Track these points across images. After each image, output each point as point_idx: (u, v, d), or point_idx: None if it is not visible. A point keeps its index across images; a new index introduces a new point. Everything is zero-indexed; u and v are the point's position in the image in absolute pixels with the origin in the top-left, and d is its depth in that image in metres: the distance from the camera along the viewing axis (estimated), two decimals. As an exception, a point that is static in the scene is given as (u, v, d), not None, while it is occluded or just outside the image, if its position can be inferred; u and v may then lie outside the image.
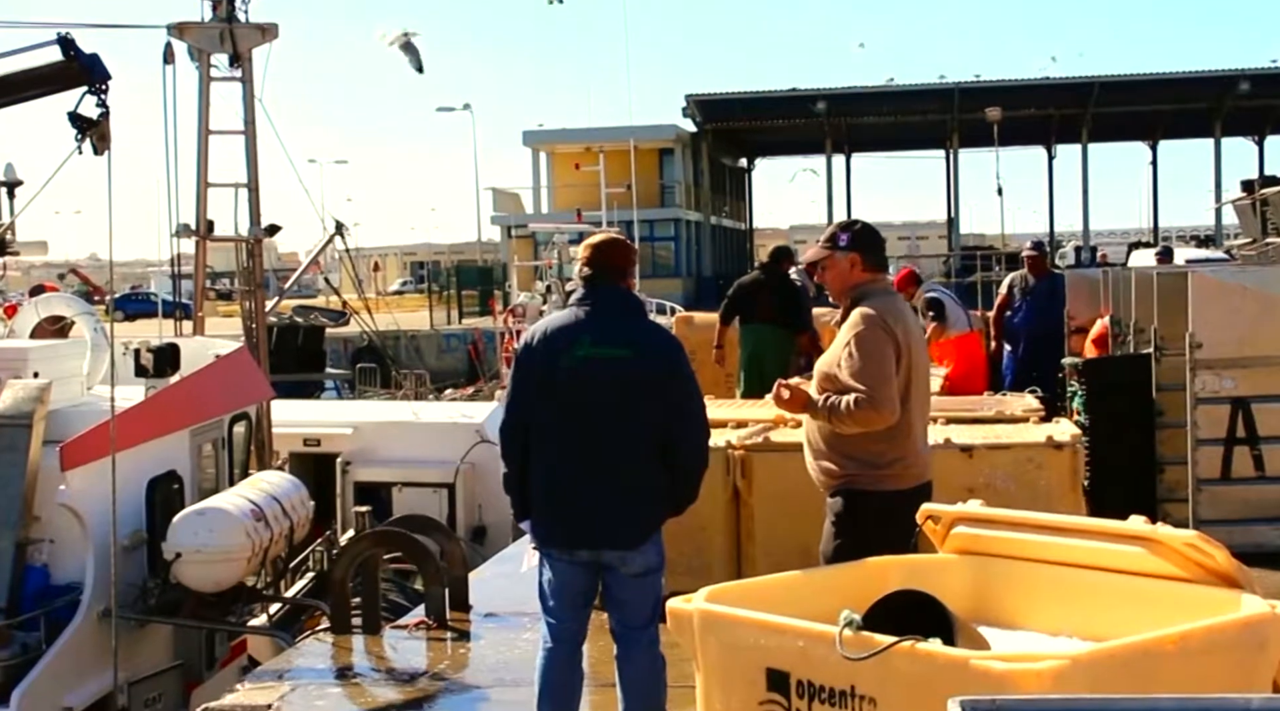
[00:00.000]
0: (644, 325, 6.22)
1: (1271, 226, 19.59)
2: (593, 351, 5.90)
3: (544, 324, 6.21)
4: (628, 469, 5.89)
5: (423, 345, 42.60)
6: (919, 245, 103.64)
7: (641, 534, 5.92)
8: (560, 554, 5.99)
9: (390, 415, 18.19)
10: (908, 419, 6.14)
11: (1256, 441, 9.80)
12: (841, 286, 6.29)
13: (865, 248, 6.28)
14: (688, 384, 6.05)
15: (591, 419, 5.88)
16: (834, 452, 6.08)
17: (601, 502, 5.87)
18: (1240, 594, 4.38)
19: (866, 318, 6.05)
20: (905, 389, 6.09)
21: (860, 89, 66.59)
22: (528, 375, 6.02)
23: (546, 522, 6.00)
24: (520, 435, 6.03)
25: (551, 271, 29.75)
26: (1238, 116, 66.02)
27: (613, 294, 6.06)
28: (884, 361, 5.96)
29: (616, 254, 6.14)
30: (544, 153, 66.77)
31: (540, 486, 6.00)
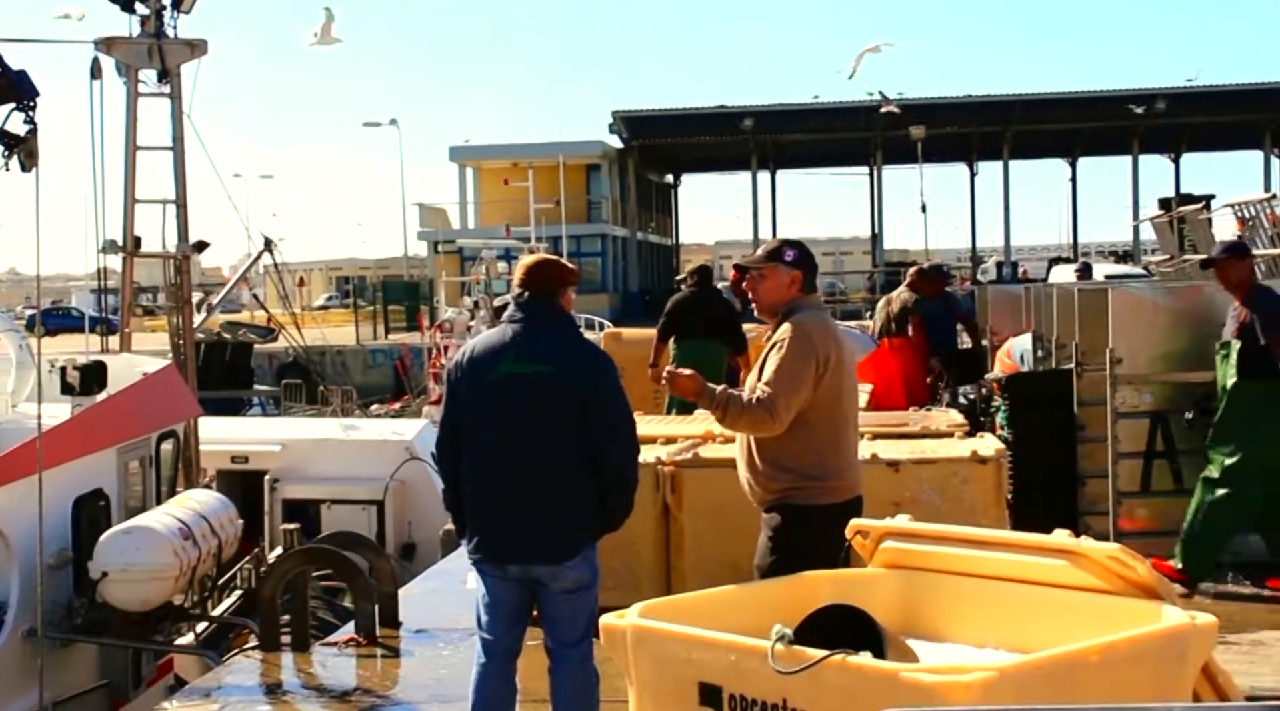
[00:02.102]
0: (570, 340, 6.21)
1: (1188, 243, 19.94)
2: (515, 368, 5.95)
3: (474, 342, 6.27)
4: (554, 484, 5.92)
5: (349, 360, 42.41)
6: (843, 261, 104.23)
7: (570, 549, 5.95)
8: (492, 569, 6.02)
9: (319, 432, 18.11)
10: (842, 432, 6.21)
11: (1175, 455, 9.99)
12: (774, 301, 6.29)
13: (807, 269, 6.33)
14: (614, 399, 6.08)
15: (516, 435, 5.92)
16: (771, 466, 6.11)
17: (529, 518, 5.91)
18: (1161, 605, 4.47)
19: (797, 330, 6.09)
20: (835, 403, 6.15)
21: (786, 106, 67.07)
22: (456, 392, 6.09)
23: (478, 538, 6.03)
24: (452, 452, 6.10)
25: (479, 287, 29.72)
26: (1154, 134, 67.13)
27: (540, 310, 6.10)
28: (800, 374, 6.00)
29: (546, 274, 6.18)
30: (471, 168, 66.68)
31: (471, 502, 6.05)
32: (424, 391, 29.97)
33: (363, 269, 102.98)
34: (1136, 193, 67.47)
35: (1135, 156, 68.16)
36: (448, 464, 6.14)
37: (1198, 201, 20.68)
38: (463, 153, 66.72)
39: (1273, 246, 16.28)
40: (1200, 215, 19.47)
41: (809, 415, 6.05)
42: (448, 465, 6.14)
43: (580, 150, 62.53)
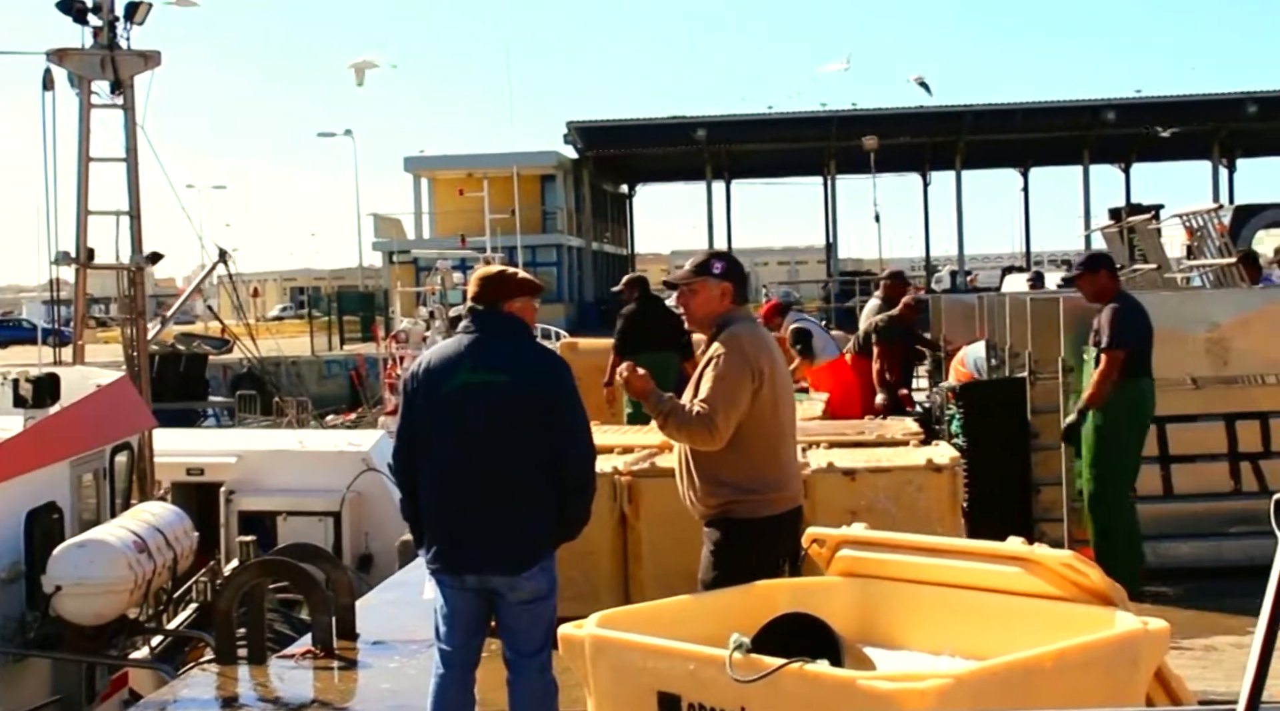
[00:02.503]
0: (526, 349, 6.21)
1: (1138, 253, 20.12)
2: (471, 378, 5.94)
3: (429, 353, 6.26)
4: (511, 494, 5.92)
5: (304, 371, 42.22)
6: (798, 270, 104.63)
7: (528, 559, 5.95)
8: (450, 579, 6.02)
9: (275, 443, 18.04)
10: (779, 444, 6.22)
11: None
12: (707, 314, 6.29)
13: (737, 280, 6.36)
14: (571, 406, 6.07)
15: (473, 445, 5.91)
16: (709, 481, 6.10)
17: (486, 528, 5.90)
18: (1114, 611, 4.52)
19: (733, 343, 6.10)
20: (772, 414, 6.16)
21: (740, 117, 67.19)
22: (412, 403, 6.08)
23: (435, 548, 6.02)
24: (409, 463, 6.10)
25: (434, 297, 29.69)
26: (1104, 145, 67.69)
27: (495, 320, 6.10)
28: (737, 389, 6.00)
29: (497, 284, 6.18)
30: (425, 178, 66.58)
31: (428, 513, 6.04)
32: (380, 402, 29.92)
33: (317, 279, 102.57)
34: (1087, 202, 68.03)
35: (1086, 166, 68.72)
36: (405, 475, 6.14)
37: (1147, 211, 20.88)
38: (418, 163, 66.62)
39: (1221, 256, 16.45)
40: (1149, 225, 19.65)
41: (745, 428, 6.05)
42: (405, 477, 6.14)
43: (535, 160, 62.55)
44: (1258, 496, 9.31)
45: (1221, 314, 10.22)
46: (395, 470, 6.27)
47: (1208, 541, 9.97)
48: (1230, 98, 62.95)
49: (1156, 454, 10.09)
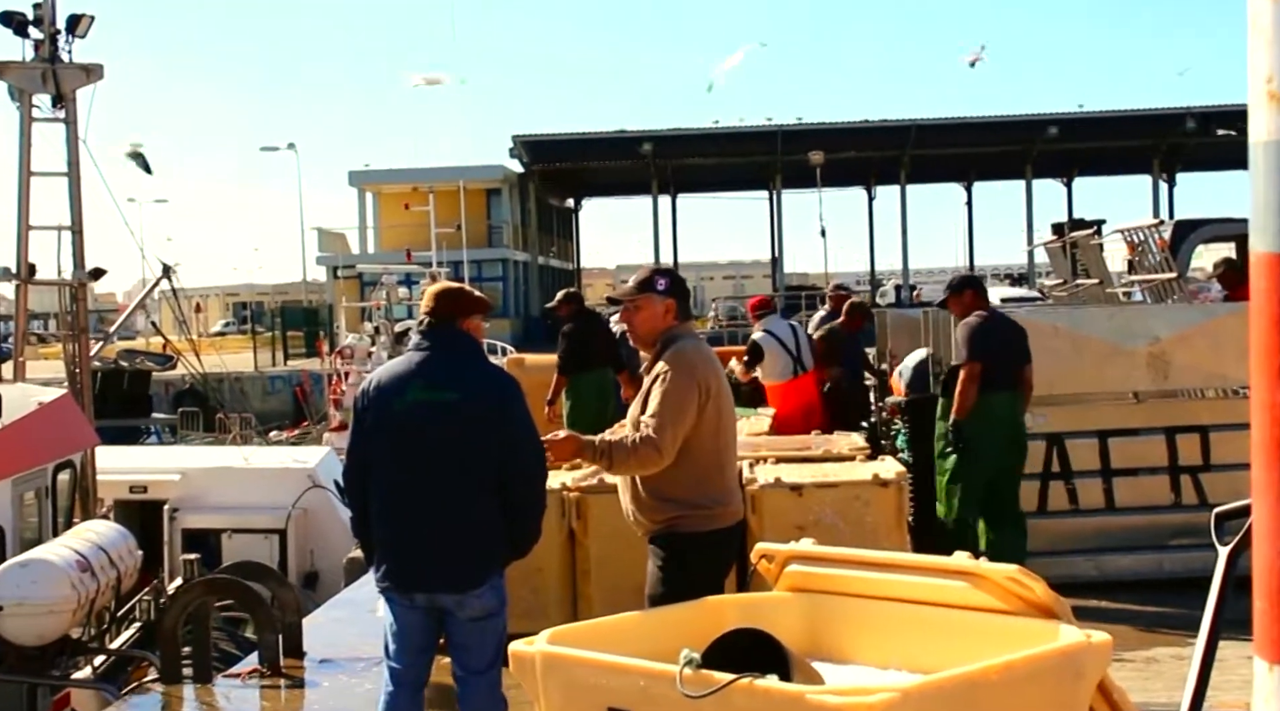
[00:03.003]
0: (477, 367, 6.21)
1: (1081, 267, 20.28)
2: (422, 395, 5.94)
3: (380, 371, 6.26)
4: (462, 511, 5.91)
5: (247, 387, 42.01)
6: (744, 285, 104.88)
7: (477, 577, 5.95)
8: (400, 597, 6.01)
9: (219, 460, 17.92)
10: (723, 459, 6.25)
11: (1070, 476, 10.18)
12: (651, 330, 6.29)
13: (680, 295, 6.37)
14: (522, 424, 6.07)
15: (424, 463, 5.91)
16: (655, 497, 6.11)
17: (435, 546, 5.89)
18: (1058, 624, 4.55)
19: (680, 360, 6.11)
20: (716, 430, 6.18)
21: (685, 131, 67.37)
22: (363, 421, 6.07)
23: (385, 567, 6.01)
24: (360, 480, 6.08)
25: (380, 312, 29.58)
26: (1047, 159, 68.31)
27: (447, 338, 6.10)
28: (683, 407, 6.01)
29: (450, 301, 6.19)
30: (370, 193, 66.37)
31: (378, 531, 6.03)
32: (325, 418, 29.76)
33: (260, 294, 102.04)
34: (1030, 216, 68.71)
35: (1029, 181, 69.34)
36: (357, 494, 6.11)
37: (1089, 226, 21.01)
38: (362, 177, 66.42)
39: (1161, 271, 16.60)
40: (1091, 240, 19.81)
41: (691, 444, 6.07)
42: (356, 495, 6.12)
43: (481, 174, 62.53)
44: (1198, 509, 9.41)
45: (1162, 328, 10.33)
46: (346, 489, 6.25)
47: (1148, 554, 10.06)
48: (1170, 113, 63.70)
49: (1098, 467, 10.19)
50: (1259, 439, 2.00)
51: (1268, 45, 1.95)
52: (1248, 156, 2.00)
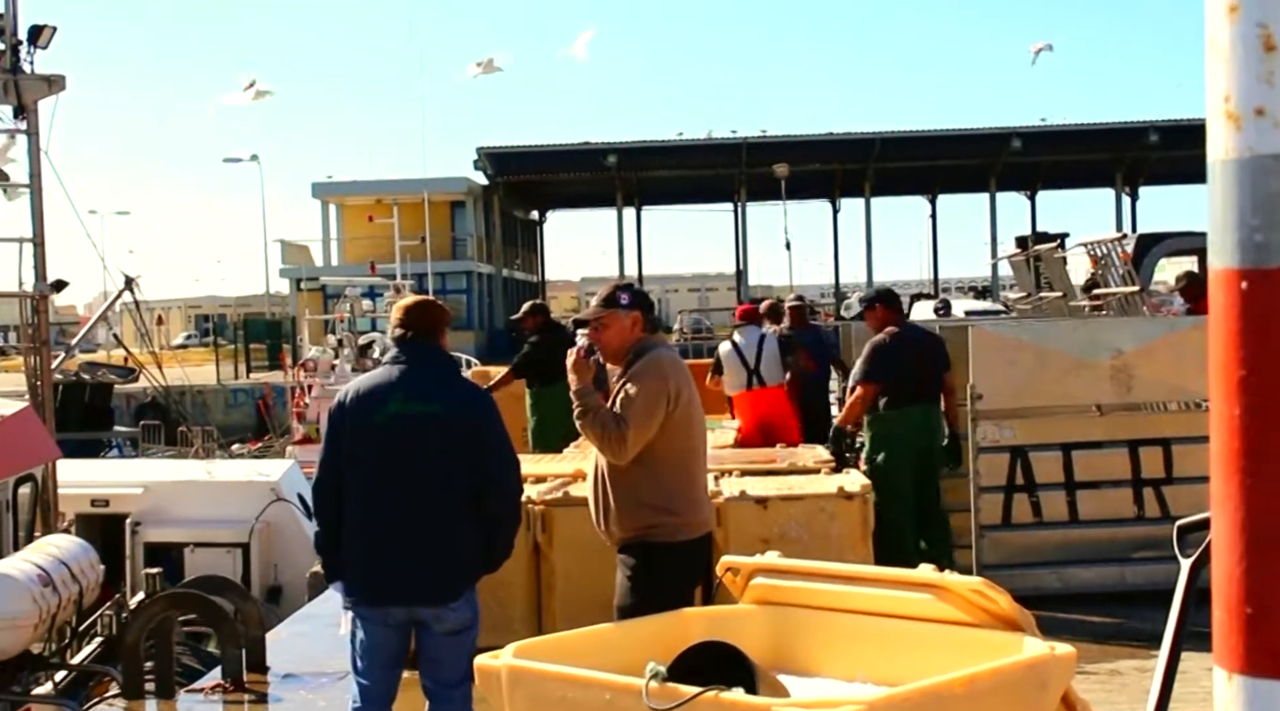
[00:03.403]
0: (456, 382, 6.29)
1: (1044, 281, 20.41)
2: (404, 408, 5.94)
3: (358, 382, 6.24)
4: (441, 525, 5.91)
5: (209, 400, 41.80)
6: (708, 297, 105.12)
7: (456, 590, 5.96)
8: (373, 612, 5.97)
9: (181, 474, 17.82)
10: (693, 467, 6.34)
11: (1034, 488, 10.22)
12: (621, 344, 6.37)
13: (644, 307, 6.45)
14: (500, 439, 6.10)
15: (404, 475, 5.90)
16: (628, 503, 6.17)
17: (415, 559, 5.88)
18: (1022, 636, 4.58)
19: (652, 365, 6.21)
20: (687, 437, 6.26)
21: (650, 143, 67.50)
22: (340, 432, 6.04)
23: (360, 581, 5.98)
24: (333, 493, 6.03)
25: (343, 325, 29.51)
26: (1011, 172, 68.70)
27: (425, 352, 6.12)
28: (653, 409, 6.11)
29: (428, 315, 6.22)
30: (334, 205, 66.19)
31: (353, 544, 5.98)
32: (288, 431, 29.65)
33: (223, 306, 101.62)
34: (994, 229, 69.04)
35: (993, 194, 69.70)
36: (328, 507, 6.06)
37: (1052, 239, 21.19)
38: (326, 189, 66.21)
39: (1124, 284, 16.73)
40: (1055, 253, 19.95)
41: (662, 450, 6.15)
42: (328, 508, 6.06)
43: (445, 186, 62.42)
44: (1160, 522, 9.46)
45: (1126, 342, 10.39)
46: (317, 502, 6.17)
47: (1112, 566, 10.11)
48: (1133, 126, 64.16)
49: (1062, 480, 10.25)
50: (1218, 453, 2.02)
51: (1225, 65, 1.98)
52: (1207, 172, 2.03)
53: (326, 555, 6.15)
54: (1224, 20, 1.98)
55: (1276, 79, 1.95)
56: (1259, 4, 1.95)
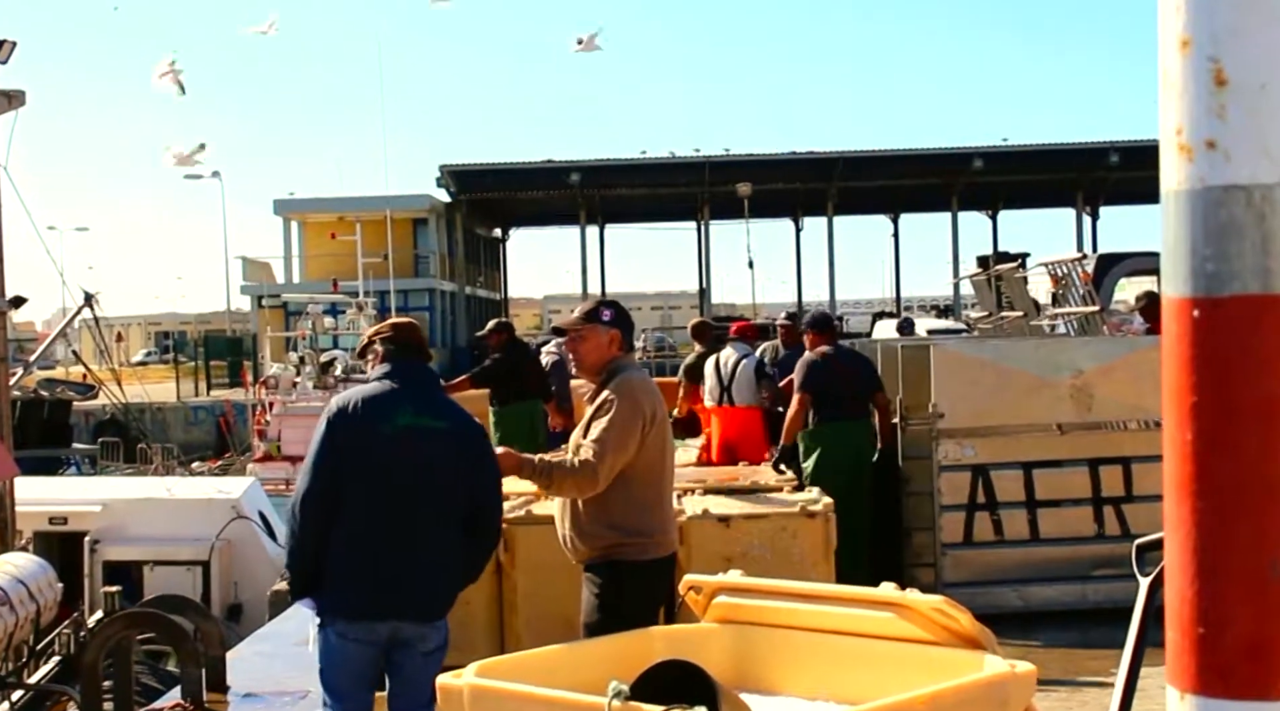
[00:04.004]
0: (451, 401, 6.34)
1: (1005, 300, 20.55)
2: (415, 421, 5.88)
3: (358, 393, 6.06)
4: (437, 540, 5.87)
5: (169, 417, 41.62)
6: (671, 315, 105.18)
7: (444, 607, 5.96)
8: (357, 629, 5.85)
9: (141, 491, 17.70)
10: (663, 488, 6.38)
11: (995, 507, 10.30)
12: (598, 360, 6.42)
13: (625, 327, 6.49)
14: (495, 461, 6.13)
15: (406, 488, 5.84)
16: (597, 523, 6.18)
17: (409, 574, 5.82)
18: (984, 654, 4.62)
19: (625, 389, 6.24)
20: (659, 459, 6.31)
21: (613, 161, 67.56)
22: (340, 442, 5.86)
23: (347, 594, 5.84)
24: (324, 503, 5.83)
25: (305, 342, 29.43)
26: (973, 192, 69.07)
27: (421, 369, 6.16)
28: (628, 435, 6.13)
29: (416, 334, 6.28)
30: (296, 222, 65.98)
31: (342, 556, 5.83)
32: (248, 449, 29.52)
33: (183, 323, 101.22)
34: (956, 248, 69.32)
35: (954, 213, 70.06)
36: (316, 520, 5.84)
37: (1014, 259, 21.36)
38: (288, 206, 65.98)
39: (1084, 304, 16.86)
40: (1016, 273, 20.10)
41: (634, 472, 6.18)
42: (316, 522, 5.84)
43: (408, 204, 62.26)
44: (1120, 540, 9.54)
45: (1086, 361, 10.48)
46: (304, 513, 5.89)
47: (1072, 584, 10.19)
48: (1093, 147, 64.58)
49: (1023, 498, 10.32)
50: (1170, 477, 2.07)
51: (1177, 97, 2.03)
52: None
53: (303, 568, 5.93)
54: (1176, 54, 2.03)
55: (1227, 112, 2.00)
56: (1210, 39, 2.01)
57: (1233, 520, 2.02)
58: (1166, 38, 2.05)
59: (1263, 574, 2.02)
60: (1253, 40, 2.00)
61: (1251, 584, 2.02)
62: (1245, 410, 2.01)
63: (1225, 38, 2.00)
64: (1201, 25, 2.02)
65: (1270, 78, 2.01)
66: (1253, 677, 2.03)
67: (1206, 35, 2.01)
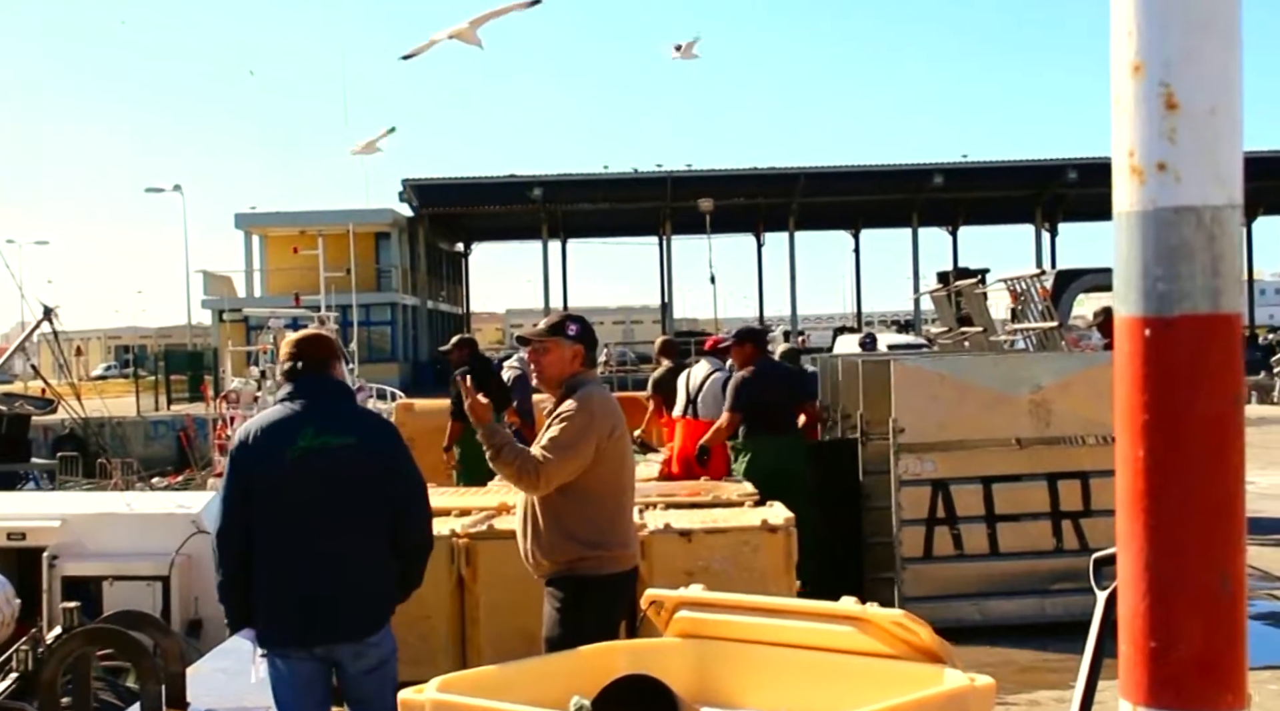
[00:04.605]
0: (361, 411, 6.29)
1: (965, 315, 20.66)
2: (317, 442, 5.85)
3: (259, 420, 6.08)
4: (359, 558, 5.85)
5: (129, 432, 41.33)
6: (633, 330, 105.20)
7: (376, 623, 5.92)
8: (294, 652, 5.88)
9: (100, 506, 17.53)
10: (623, 502, 6.43)
11: (955, 521, 10.36)
12: (559, 374, 6.44)
13: (588, 343, 6.52)
14: (411, 468, 6.09)
15: (319, 510, 5.82)
16: (559, 536, 6.20)
17: (333, 595, 5.81)
18: (943, 668, 4.65)
19: (583, 403, 6.27)
20: (619, 472, 6.35)
21: (575, 176, 67.59)
22: (247, 473, 5.90)
23: (277, 622, 5.87)
24: (240, 537, 5.86)
25: (266, 356, 29.30)
26: (933, 208, 69.42)
27: (324, 383, 6.07)
28: (578, 446, 6.16)
29: (319, 346, 6.17)
30: (257, 236, 65.74)
31: (267, 586, 5.86)
32: (209, 463, 29.35)
33: (143, 337, 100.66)
34: (917, 264, 69.68)
35: (915, 229, 70.37)
36: (235, 552, 5.88)
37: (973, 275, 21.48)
38: (249, 220, 65.71)
39: (1043, 320, 16.97)
40: (976, 289, 20.20)
41: (594, 485, 6.21)
42: (235, 552, 5.88)
43: (370, 218, 62.12)
44: (1079, 554, 9.61)
45: (1045, 376, 10.56)
46: (223, 548, 5.95)
47: (1031, 598, 10.26)
48: (1052, 164, 64.98)
49: (982, 513, 10.39)
50: (1123, 493, 2.10)
51: (1130, 121, 2.07)
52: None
53: (234, 601, 5.97)
54: (1128, 79, 2.07)
55: (1178, 135, 2.04)
56: (1161, 64, 2.05)
57: (1183, 536, 2.06)
58: (1119, 62, 2.09)
59: (1213, 589, 2.06)
60: (1202, 65, 2.04)
61: (1202, 598, 2.06)
62: (1195, 427, 2.05)
63: (1176, 62, 2.04)
64: (1153, 50, 2.06)
65: (1219, 101, 2.05)
66: (1202, 690, 2.06)
67: (1158, 60, 2.05)
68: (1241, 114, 2.09)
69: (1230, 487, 2.08)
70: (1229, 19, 2.06)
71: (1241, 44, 2.08)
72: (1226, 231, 2.06)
